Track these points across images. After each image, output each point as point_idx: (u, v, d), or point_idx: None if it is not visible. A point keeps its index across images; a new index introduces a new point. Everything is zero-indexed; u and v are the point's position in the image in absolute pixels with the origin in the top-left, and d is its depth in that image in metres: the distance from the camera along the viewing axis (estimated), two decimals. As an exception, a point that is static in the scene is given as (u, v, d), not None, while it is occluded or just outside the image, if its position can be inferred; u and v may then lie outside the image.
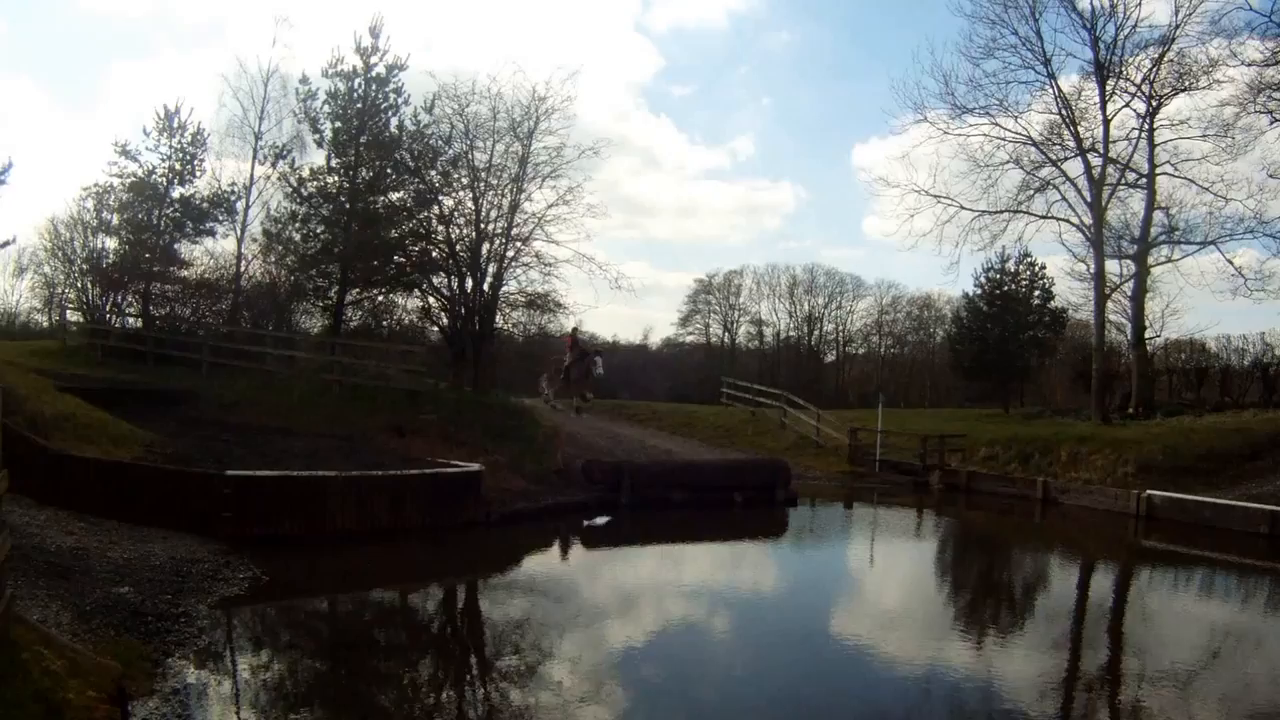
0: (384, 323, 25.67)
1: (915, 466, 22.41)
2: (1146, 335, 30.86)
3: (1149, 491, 17.60)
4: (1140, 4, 28.35)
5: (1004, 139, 29.42)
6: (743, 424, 27.51)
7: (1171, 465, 18.85)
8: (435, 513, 12.95)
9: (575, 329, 26.16)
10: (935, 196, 30.00)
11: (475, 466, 14.38)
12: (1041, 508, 19.34)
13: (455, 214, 23.82)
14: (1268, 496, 16.60)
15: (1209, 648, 9.48)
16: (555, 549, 13.70)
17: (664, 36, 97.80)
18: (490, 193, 23.52)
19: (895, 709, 6.94)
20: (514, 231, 23.60)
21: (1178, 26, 27.48)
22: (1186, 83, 28.07)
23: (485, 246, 23.53)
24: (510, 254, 23.70)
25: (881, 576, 13.05)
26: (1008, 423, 28.03)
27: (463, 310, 23.79)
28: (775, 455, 21.77)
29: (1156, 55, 27.99)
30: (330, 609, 9.86)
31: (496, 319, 24.45)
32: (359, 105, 22.89)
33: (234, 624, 8.35)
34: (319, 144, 23.39)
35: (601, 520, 15.83)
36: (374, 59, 23.07)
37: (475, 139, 23.32)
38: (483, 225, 23.48)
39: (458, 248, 23.68)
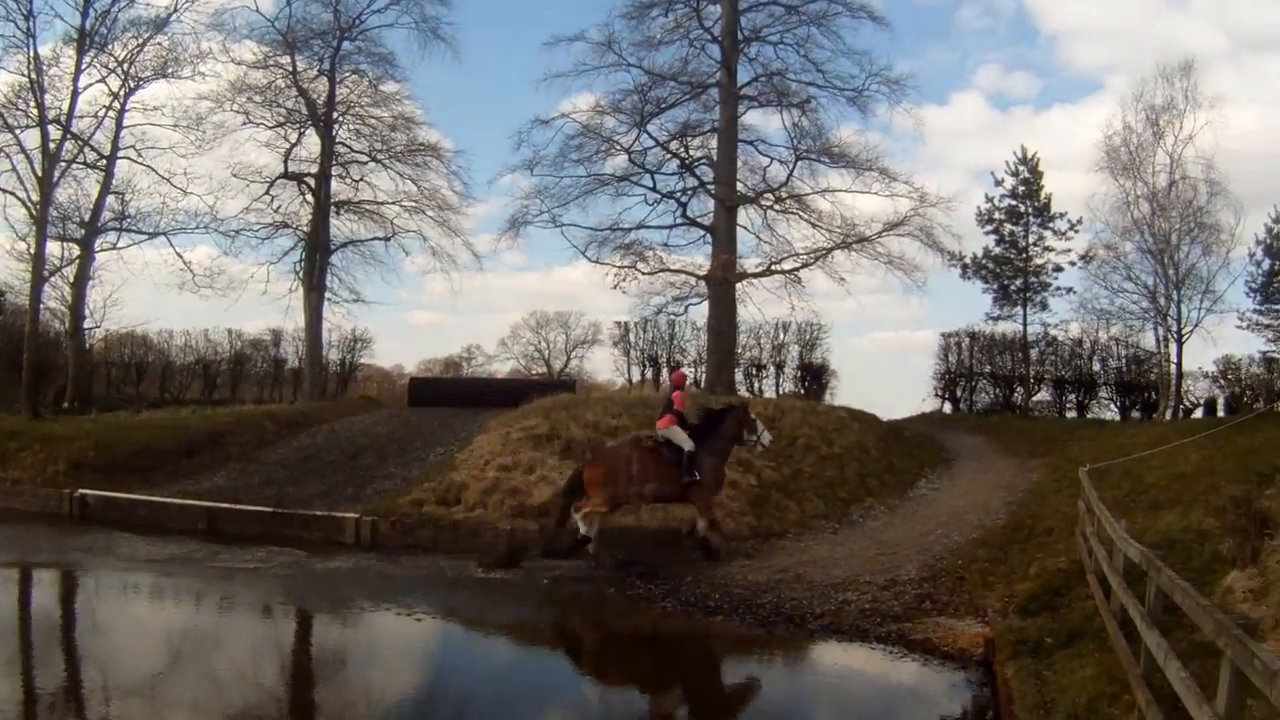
0: None
1: None
2: (87, 325, 28.59)
3: (81, 491, 16.67)
4: (146, -20, 26.33)
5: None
6: None
7: (106, 463, 17.91)
8: None
9: (679, 364, 20.04)
10: None
11: None
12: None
13: None
14: (205, 493, 16.45)
15: (172, 651, 9.01)
16: None
17: None
18: None
19: None
20: None
21: (174, 11, 26.25)
22: (170, 69, 26.67)
23: None
24: None
25: None
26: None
27: None
28: None
29: (146, 36, 26.18)
30: None
31: None
32: None
33: None
34: None
35: None
36: None
37: None
38: None
39: None
